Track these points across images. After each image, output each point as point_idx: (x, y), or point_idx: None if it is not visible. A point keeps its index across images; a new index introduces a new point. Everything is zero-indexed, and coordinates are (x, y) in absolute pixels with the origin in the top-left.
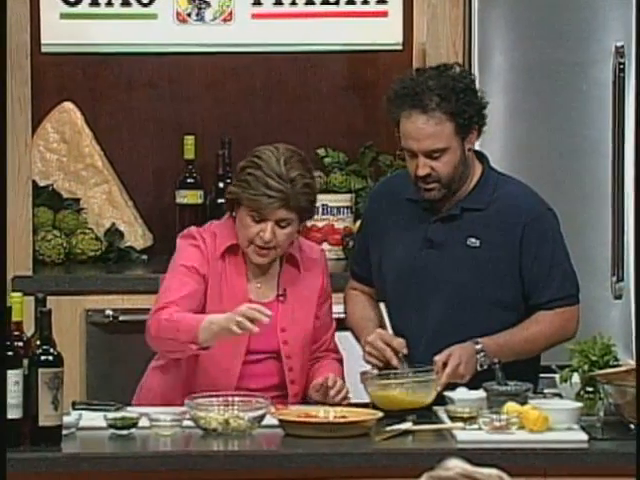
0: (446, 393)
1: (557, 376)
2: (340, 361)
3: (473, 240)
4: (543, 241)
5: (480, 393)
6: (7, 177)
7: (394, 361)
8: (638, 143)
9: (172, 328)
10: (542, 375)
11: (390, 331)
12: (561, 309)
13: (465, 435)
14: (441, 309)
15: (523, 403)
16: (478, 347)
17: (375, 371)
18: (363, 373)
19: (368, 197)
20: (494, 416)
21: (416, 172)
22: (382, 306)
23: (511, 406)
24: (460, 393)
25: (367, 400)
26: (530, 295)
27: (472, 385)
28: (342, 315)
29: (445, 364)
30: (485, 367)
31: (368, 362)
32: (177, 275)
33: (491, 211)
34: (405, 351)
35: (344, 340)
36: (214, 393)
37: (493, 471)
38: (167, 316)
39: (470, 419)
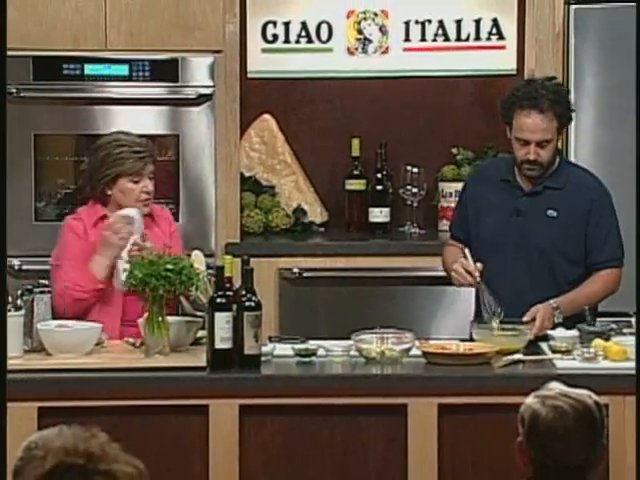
0: (548, 332)
1: (633, 319)
2: None
3: (551, 211)
4: (604, 214)
5: (574, 332)
6: (221, 170)
7: (468, 281)
8: None
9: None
10: (621, 319)
11: (470, 262)
12: (611, 270)
13: (563, 364)
14: (525, 264)
15: (607, 339)
16: (554, 305)
17: (485, 324)
18: (472, 321)
19: (467, 181)
20: (585, 349)
21: (527, 157)
22: (467, 250)
23: (598, 342)
24: (559, 332)
25: None
26: (589, 255)
27: (568, 325)
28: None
29: (533, 319)
30: (560, 321)
31: (454, 283)
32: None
33: (566, 189)
34: (477, 274)
35: (450, 294)
36: (375, 331)
37: (584, 391)
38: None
39: (567, 352)
